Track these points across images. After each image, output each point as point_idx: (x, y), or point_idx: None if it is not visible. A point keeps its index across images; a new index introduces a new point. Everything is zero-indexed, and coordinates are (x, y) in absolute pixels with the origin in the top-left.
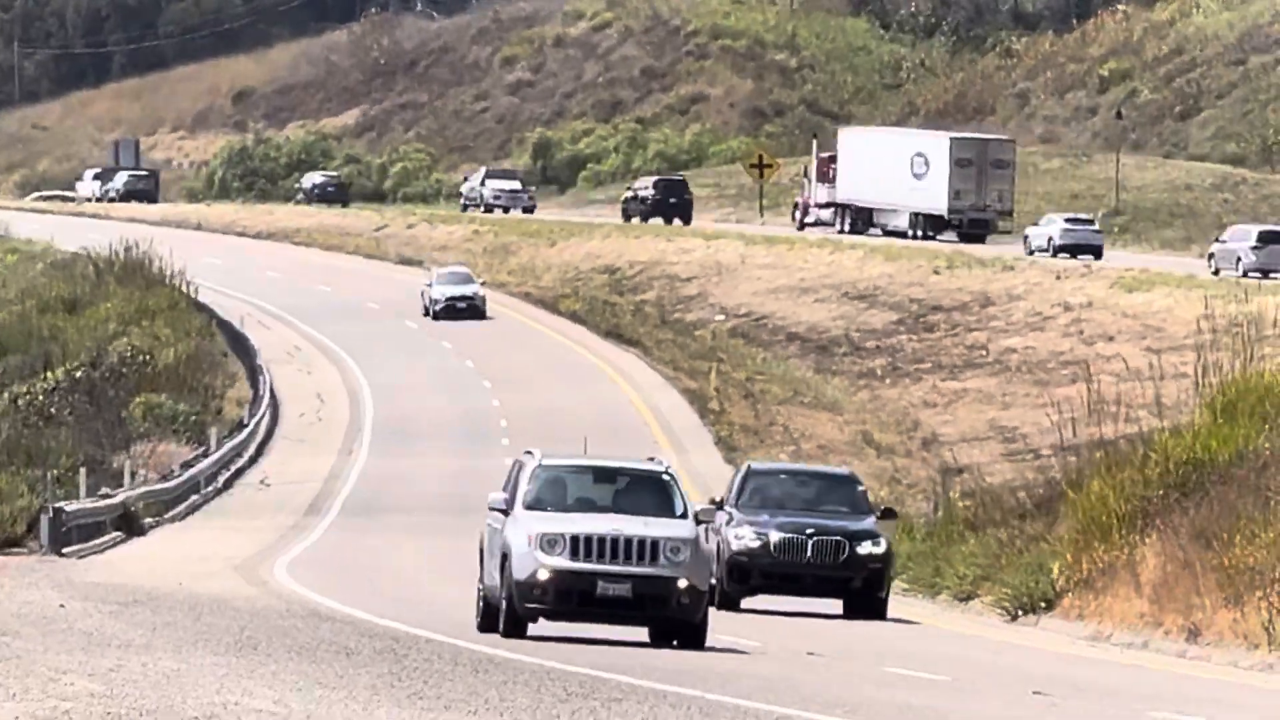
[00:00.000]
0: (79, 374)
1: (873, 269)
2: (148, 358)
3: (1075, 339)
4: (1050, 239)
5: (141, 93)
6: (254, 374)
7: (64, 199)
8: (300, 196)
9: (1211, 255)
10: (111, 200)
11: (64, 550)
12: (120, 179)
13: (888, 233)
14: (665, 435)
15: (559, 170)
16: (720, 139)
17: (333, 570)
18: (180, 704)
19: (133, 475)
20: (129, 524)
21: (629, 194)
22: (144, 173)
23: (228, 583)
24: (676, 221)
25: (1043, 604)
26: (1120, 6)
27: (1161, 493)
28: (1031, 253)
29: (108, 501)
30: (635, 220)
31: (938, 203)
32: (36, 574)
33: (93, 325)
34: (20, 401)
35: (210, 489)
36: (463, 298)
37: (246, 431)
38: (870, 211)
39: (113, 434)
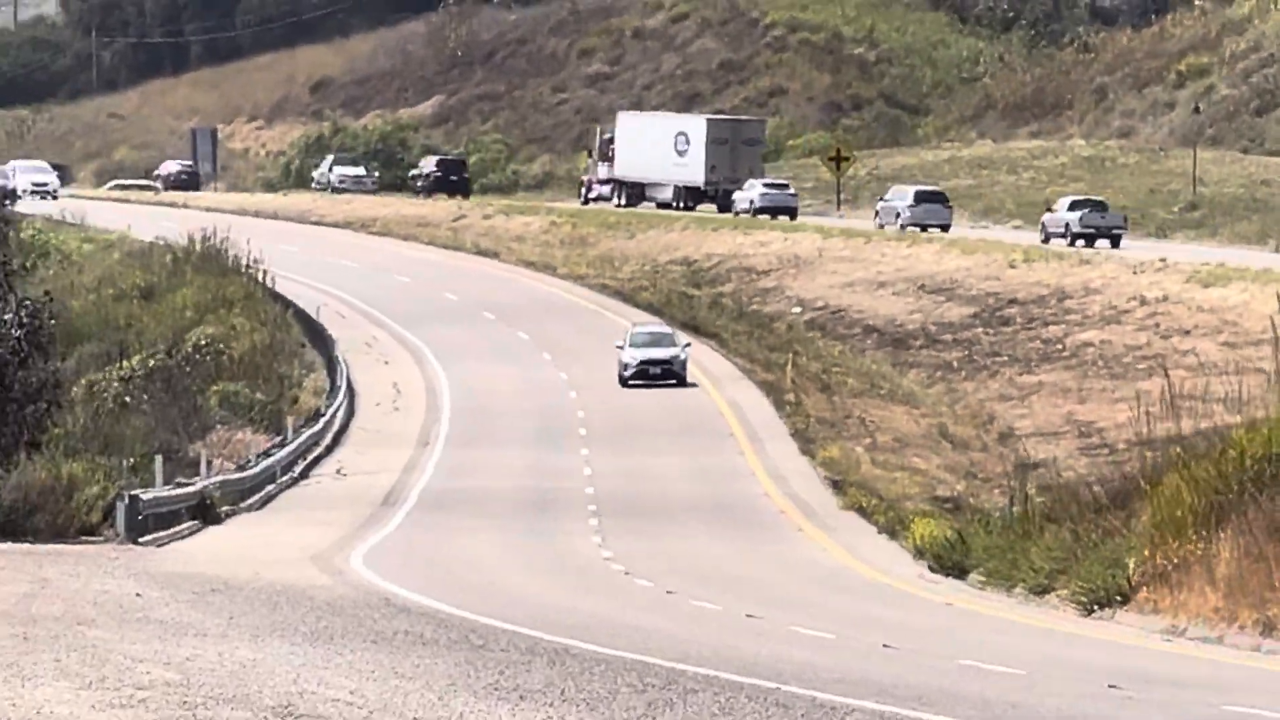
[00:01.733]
0: (155, 362)
1: (949, 262)
2: (224, 346)
3: (1151, 333)
4: (751, 201)
5: (219, 82)
6: (331, 364)
7: (142, 188)
8: (159, 184)
9: (878, 213)
10: None
11: (140, 539)
12: None
13: (659, 205)
14: (741, 427)
15: None
16: (798, 132)
17: (409, 561)
18: (256, 693)
19: (209, 464)
20: (205, 513)
21: (415, 172)
22: None
23: (304, 572)
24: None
25: (1118, 598)
26: (1198, 2)
27: (1237, 488)
28: (737, 213)
29: (184, 490)
30: (420, 196)
31: (696, 177)
32: (113, 563)
33: (169, 314)
34: (96, 389)
35: (286, 479)
36: (657, 361)
37: (323, 421)
38: (643, 186)
39: (189, 422)
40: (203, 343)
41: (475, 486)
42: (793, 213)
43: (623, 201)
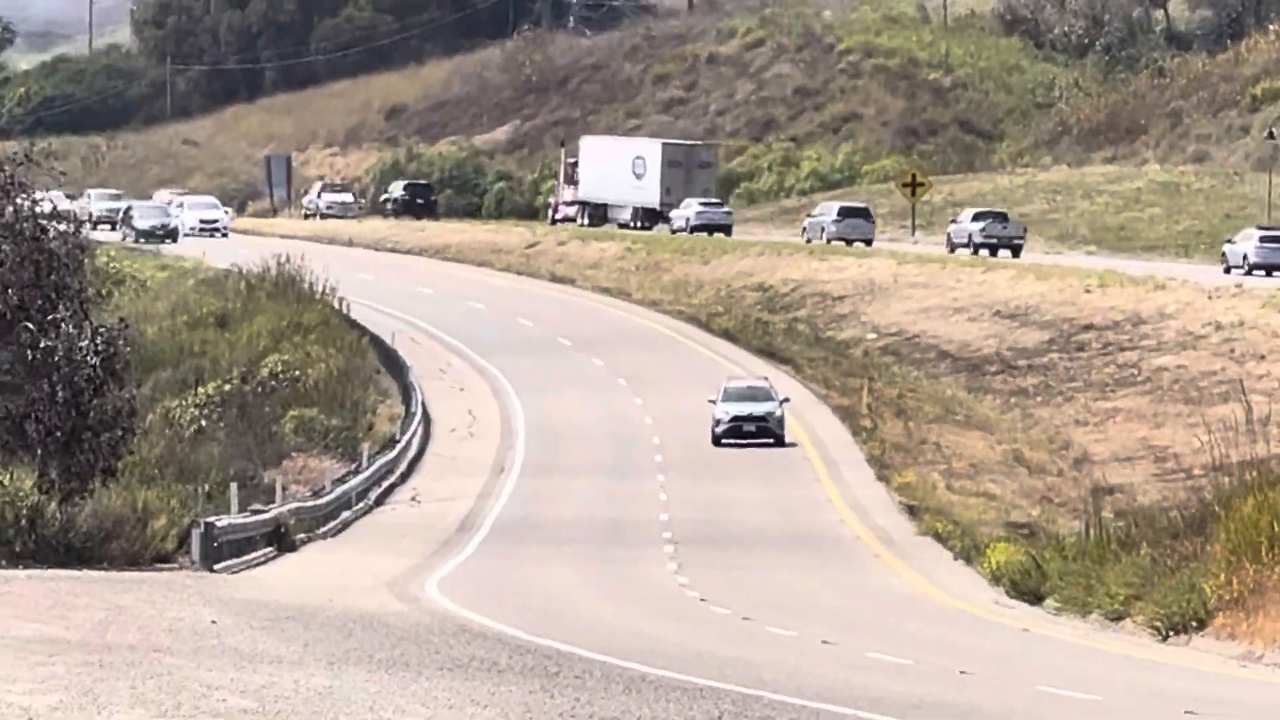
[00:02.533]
0: (230, 389)
1: (1024, 288)
2: (299, 373)
3: (1226, 358)
4: (687, 219)
5: (293, 108)
6: (405, 390)
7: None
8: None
9: (805, 229)
10: None
11: (215, 566)
12: None
13: (620, 225)
14: (817, 452)
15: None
16: (873, 158)
17: (484, 588)
18: None
19: (283, 491)
20: (280, 540)
21: (385, 196)
22: None
23: (379, 599)
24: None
25: (1194, 623)
26: (1273, 26)
27: None
28: (675, 231)
29: (259, 517)
30: (391, 219)
31: (652, 198)
32: (188, 590)
33: (244, 341)
34: (171, 416)
35: (361, 505)
36: (751, 417)
37: (398, 448)
38: (605, 208)
39: (264, 449)
40: (278, 369)
41: (550, 514)
42: (727, 230)
43: (586, 222)
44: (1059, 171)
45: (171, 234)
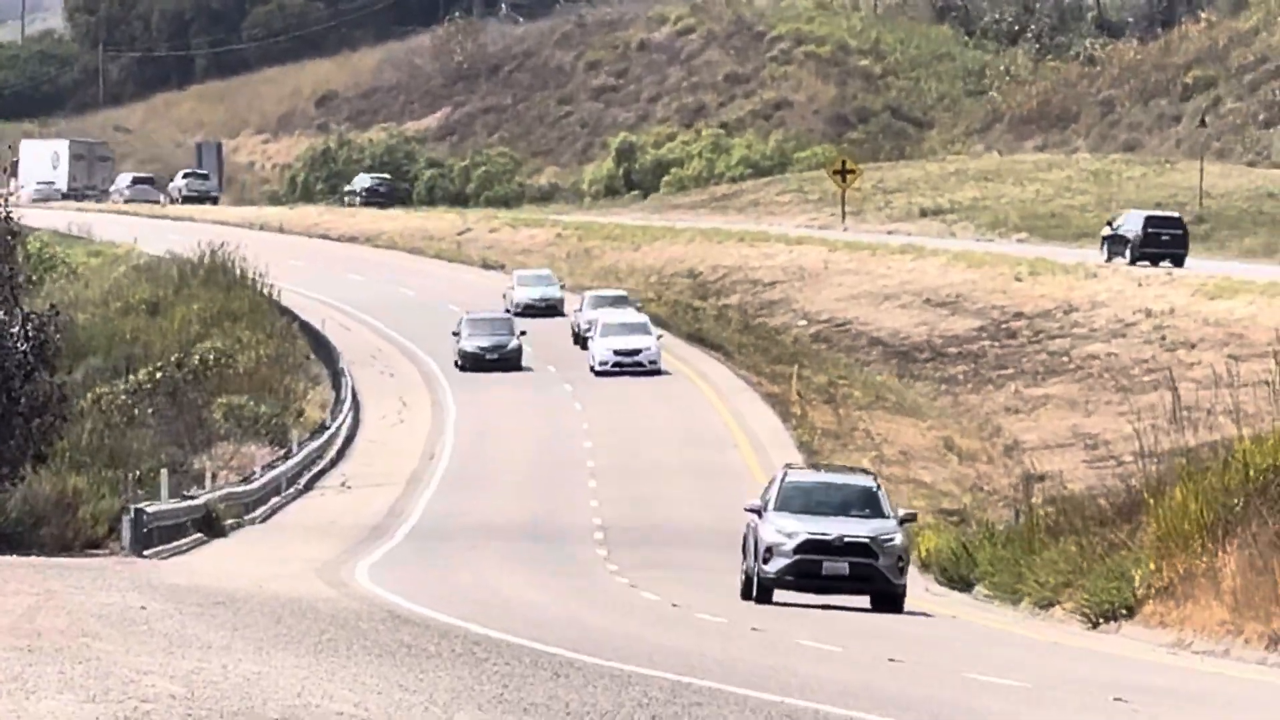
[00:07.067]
0: (161, 375)
1: (955, 275)
2: (229, 360)
3: (1157, 346)
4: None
5: (225, 95)
6: (336, 376)
7: (146, 200)
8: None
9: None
10: None
11: (145, 552)
12: None
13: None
14: (747, 439)
15: (642, 175)
16: (804, 145)
17: (413, 574)
18: (261, 706)
19: (214, 477)
20: (210, 526)
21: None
22: None
23: (308, 585)
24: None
25: (1124, 611)
26: (1204, 15)
27: (1242, 500)
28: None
29: (189, 503)
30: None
31: (63, 185)
32: (117, 575)
33: (175, 327)
34: (102, 403)
35: (291, 491)
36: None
37: (328, 434)
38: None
39: (194, 436)
40: (209, 356)
41: (481, 499)
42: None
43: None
44: (990, 159)
45: (509, 360)
